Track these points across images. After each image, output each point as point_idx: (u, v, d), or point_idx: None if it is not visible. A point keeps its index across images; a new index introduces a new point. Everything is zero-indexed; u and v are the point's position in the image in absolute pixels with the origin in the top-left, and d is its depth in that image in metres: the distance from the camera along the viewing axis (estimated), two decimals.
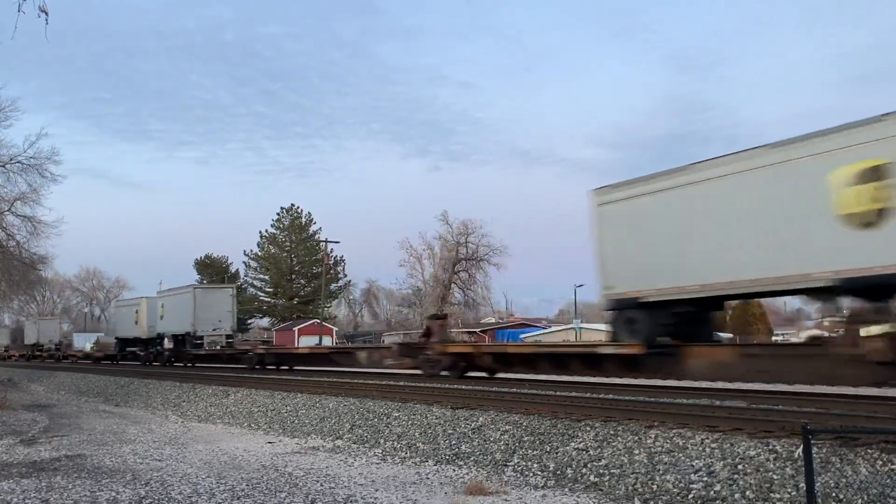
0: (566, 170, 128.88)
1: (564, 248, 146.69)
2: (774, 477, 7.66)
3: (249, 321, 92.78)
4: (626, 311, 15.82)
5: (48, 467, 10.92)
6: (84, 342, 67.29)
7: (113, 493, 8.83)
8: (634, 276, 15.52)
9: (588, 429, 10.46)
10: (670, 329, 15.23)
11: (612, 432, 10.10)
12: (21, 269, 39.64)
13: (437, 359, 20.66)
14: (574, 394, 14.20)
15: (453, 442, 11.48)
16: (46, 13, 8.47)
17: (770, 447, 8.33)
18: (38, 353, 57.72)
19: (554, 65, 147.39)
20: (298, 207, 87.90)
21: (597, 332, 51.24)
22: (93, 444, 13.61)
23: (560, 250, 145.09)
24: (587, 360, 17.08)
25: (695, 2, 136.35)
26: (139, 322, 40.85)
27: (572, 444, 10.09)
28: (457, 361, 20.41)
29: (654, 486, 8.28)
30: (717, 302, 15.66)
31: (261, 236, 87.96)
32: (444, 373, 20.39)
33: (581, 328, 54.47)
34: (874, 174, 11.72)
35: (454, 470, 10.18)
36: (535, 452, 10.21)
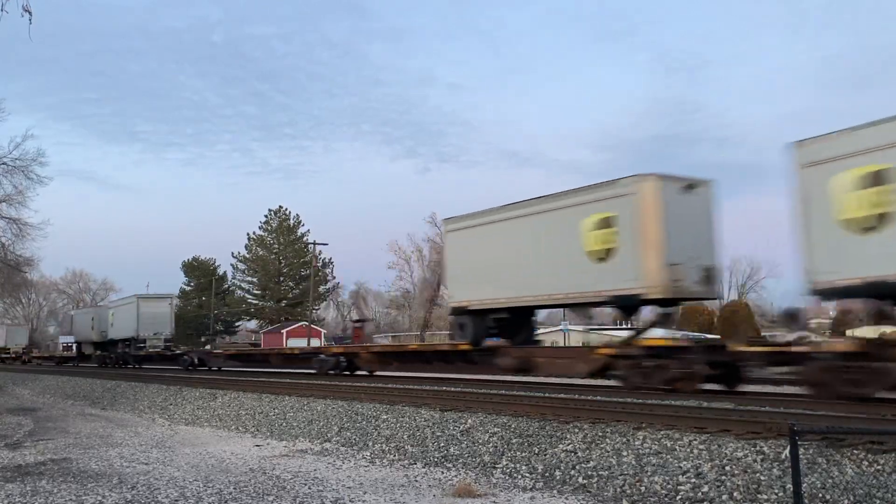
0: (555, 171, 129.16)
1: None
2: (762, 478, 7.70)
3: (237, 323, 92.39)
4: (460, 316, 19.61)
5: (33, 471, 10.82)
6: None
7: (99, 497, 8.76)
8: (466, 289, 19.44)
9: (576, 430, 10.48)
10: (493, 331, 18.88)
11: (600, 434, 10.12)
12: (6, 272, 39.51)
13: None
14: (562, 395, 14.22)
15: (442, 444, 11.47)
16: (30, 13, 8.42)
17: (757, 448, 8.37)
18: (3, 357, 62.63)
19: (543, 66, 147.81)
20: (286, 209, 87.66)
21: (589, 335, 51.31)
22: (79, 448, 13.50)
23: None
24: (437, 355, 21.90)
25: (682, 4, 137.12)
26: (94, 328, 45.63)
27: (561, 445, 10.10)
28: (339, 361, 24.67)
29: (643, 488, 8.30)
30: (527, 311, 19.07)
31: (248, 238, 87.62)
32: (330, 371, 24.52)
33: (569, 330, 54.51)
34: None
35: (443, 472, 10.16)
36: (523, 454, 10.21)
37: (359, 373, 24.76)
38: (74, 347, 51.32)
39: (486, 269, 18.64)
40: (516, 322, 18.85)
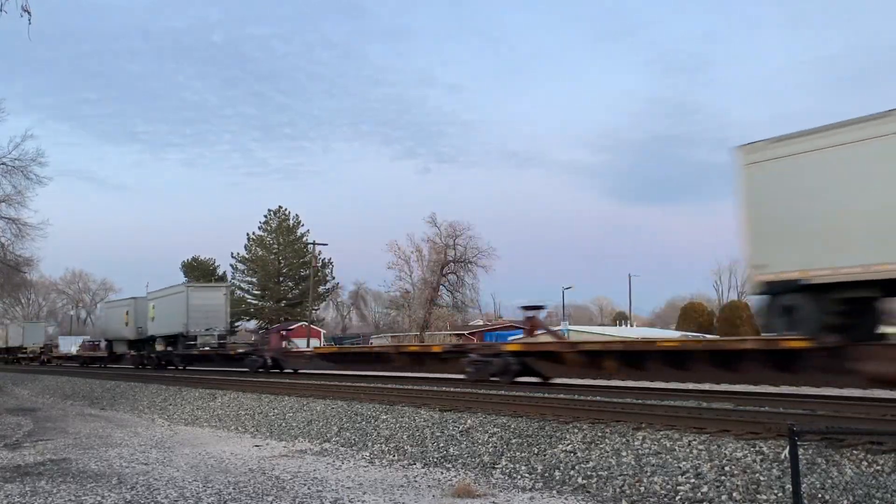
0: (554, 171, 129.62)
1: (553, 250, 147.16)
2: (761, 478, 7.69)
3: (237, 323, 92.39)
4: (783, 296, 12.93)
5: (33, 472, 10.81)
6: (70, 345, 66.74)
7: (98, 498, 8.76)
8: (797, 252, 12.56)
9: (576, 431, 10.47)
10: (839, 320, 12.30)
11: (599, 434, 10.12)
12: (6, 272, 39.50)
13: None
14: (562, 396, 14.22)
15: (441, 444, 11.47)
16: (29, 13, 8.43)
17: (757, 448, 8.37)
18: (20, 357, 57.80)
19: (542, 67, 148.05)
20: (286, 210, 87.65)
21: (585, 333, 51.37)
22: (78, 448, 13.50)
23: (549, 252, 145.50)
24: (718, 358, 14.93)
25: (682, 4, 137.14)
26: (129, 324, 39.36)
27: (560, 446, 10.10)
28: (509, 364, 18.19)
29: (642, 488, 8.30)
30: None
31: (248, 238, 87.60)
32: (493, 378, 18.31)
33: (568, 330, 54.59)
34: None
35: (442, 472, 10.16)
36: (523, 454, 10.21)
37: (524, 379, 18.25)
38: (104, 346, 45.60)
39: (848, 219, 11.94)
40: (871, 306, 12.65)
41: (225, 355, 32.22)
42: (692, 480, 8.08)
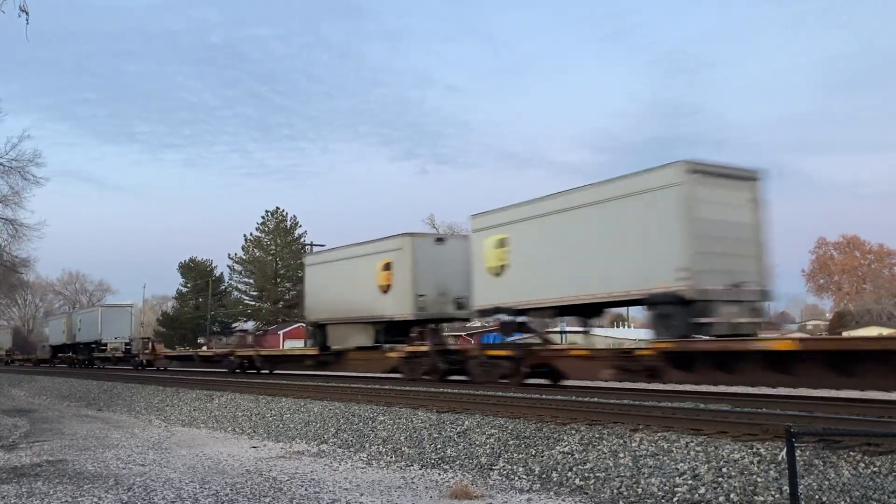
0: (553, 173, 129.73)
1: None
2: (759, 479, 7.70)
3: (234, 325, 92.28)
4: None
5: (29, 473, 10.79)
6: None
7: (95, 499, 8.74)
8: None
9: (573, 432, 10.48)
10: None
11: (597, 436, 10.12)
12: (2, 273, 39.35)
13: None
14: (559, 397, 14.22)
15: (439, 446, 11.46)
16: (27, 13, 8.41)
17: (754, 450, 8.37)
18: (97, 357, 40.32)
19: (541, 68, 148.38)
20: (284, 210, 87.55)
21: (580, 334, 51.35)
22: (75, 450, 13.47)
23: None
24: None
25: (682, 6, 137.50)
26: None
27: (558, 447, 10.10)
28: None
29: (639, 490, 8.30)
30: None
31: (245, 239, 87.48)
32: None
33: (566, 332, 54.59)
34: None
35: (439, 474, 10.16)
36: (520, 456, 10.21)
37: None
38: (312, 339, 27.83)
39: None
40: None
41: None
42: (689, 482, 8.09)
